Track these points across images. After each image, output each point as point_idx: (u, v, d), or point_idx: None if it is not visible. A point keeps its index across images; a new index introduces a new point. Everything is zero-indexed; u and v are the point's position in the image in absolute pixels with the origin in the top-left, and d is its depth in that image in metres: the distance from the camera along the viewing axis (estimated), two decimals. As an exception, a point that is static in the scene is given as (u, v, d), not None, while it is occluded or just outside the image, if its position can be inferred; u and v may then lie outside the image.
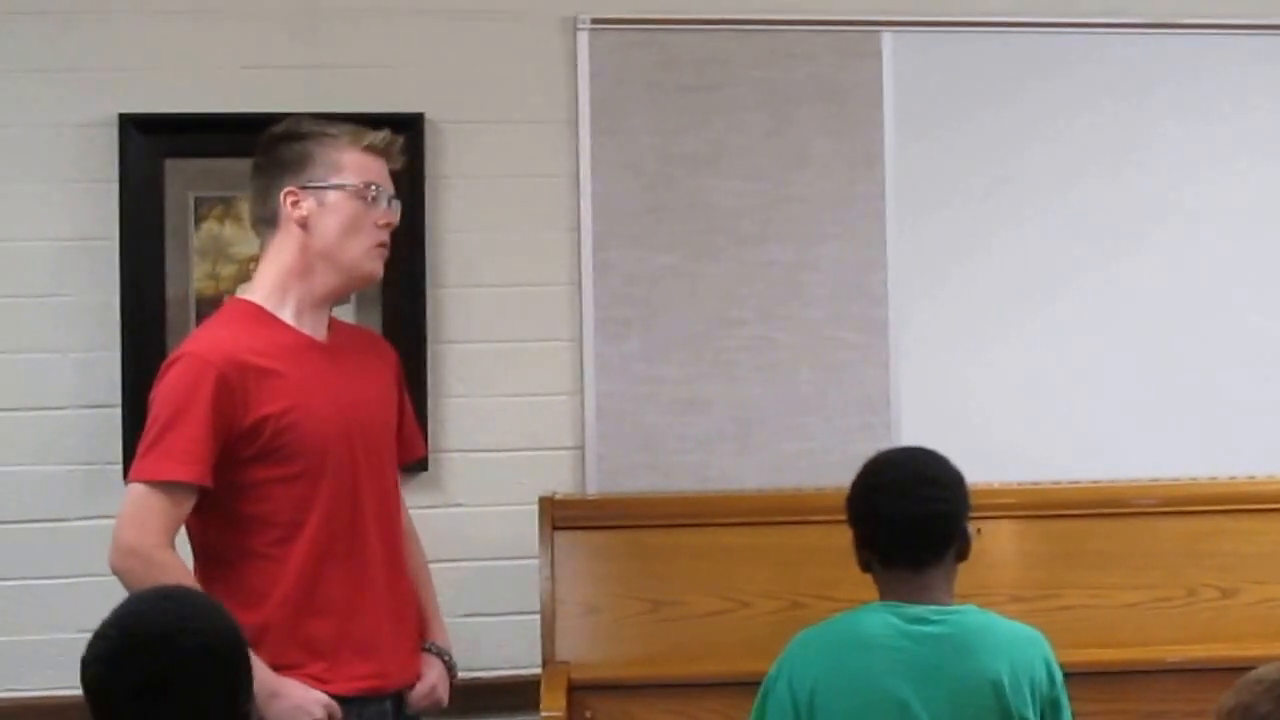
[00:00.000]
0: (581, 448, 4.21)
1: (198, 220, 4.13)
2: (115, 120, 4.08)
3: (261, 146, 3.25)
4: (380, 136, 3.25)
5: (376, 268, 3.25)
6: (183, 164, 4.12)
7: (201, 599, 2.39)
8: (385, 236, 3.24)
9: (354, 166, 3.20)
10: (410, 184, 4.11)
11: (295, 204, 3.17)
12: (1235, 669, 3.63)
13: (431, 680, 3.27)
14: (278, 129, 3.25)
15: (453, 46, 4.23)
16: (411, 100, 4.18)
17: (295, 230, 3.17)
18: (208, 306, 3.98)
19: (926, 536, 2.94)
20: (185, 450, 2.99)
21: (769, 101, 4.30)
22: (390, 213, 3.25)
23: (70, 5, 4.12)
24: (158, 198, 4.11)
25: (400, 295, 4.14)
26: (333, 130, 3.23)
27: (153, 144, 4.10)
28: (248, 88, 4.12)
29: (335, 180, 3.18)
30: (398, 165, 3.33)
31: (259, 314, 3.17)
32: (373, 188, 3.20)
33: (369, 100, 4.08)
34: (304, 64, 4.17)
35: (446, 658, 3.34)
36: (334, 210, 3.17)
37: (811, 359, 4.27)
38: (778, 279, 4.28)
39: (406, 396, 3.46)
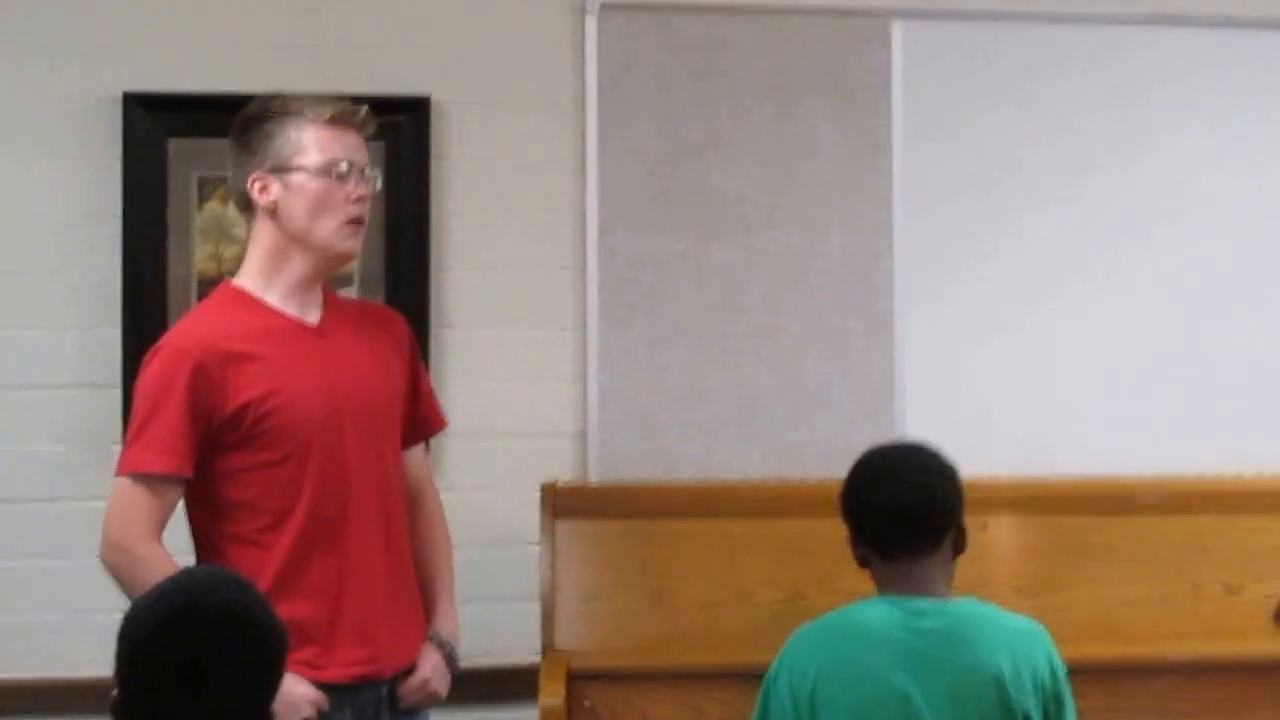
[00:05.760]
0: (584, 434, 4.20)
1: (201, 200, 4.11)
2: (119, 98, 4.07)
3: (231, 130, 3.19)
4: (343, 107, 3.16)
5: (350, 245, 3.16)
6: (186, 143, 4.10)
7: (256, 589, 2.37)
8: (358, 211, 3.15)
9: (317, 143, 3.12)
10: (415, 166, 4.11)
11: (263, 190, 3.12)
12: (1239, 667, 3.64)
13: (424, 673, 3.22)
14: (246, 111, 3.18)
15: (460, 28, 4.21)
16: (417, 81, 4.16)
17: (267, 216, 3.13)
18: (209, 287, 3.93)
19: (921, 524, 2.93)
20: (164, 442, 2.98)
21: (777, 88, 4.28)
22: (363, 185, 3.16)
23: (74, -17, 4.11)
24: (161, 177, 4.10)
25: (403, 278, 4.13)
26: (294, 107, 3.14)
27: (157, 122, 4.09)
28: (253, 67, 4.10)
29: (298, 161, 3.11)
30: (369, 131, 3.23)
31: (244, 299, 3.14)
32: (340, 164, 3.12)
33: (374, 81, 4.07)
34: (309, 44, 4.16)
35: (448, 649, 3.29)
36: (299, 192, 3.10)
37: (816, 348, 4.26)
38: (783, 267, 4.27)
39: (422, 369, 3.41)
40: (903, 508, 2.92)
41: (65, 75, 4.09)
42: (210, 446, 3.03)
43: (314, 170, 3.11)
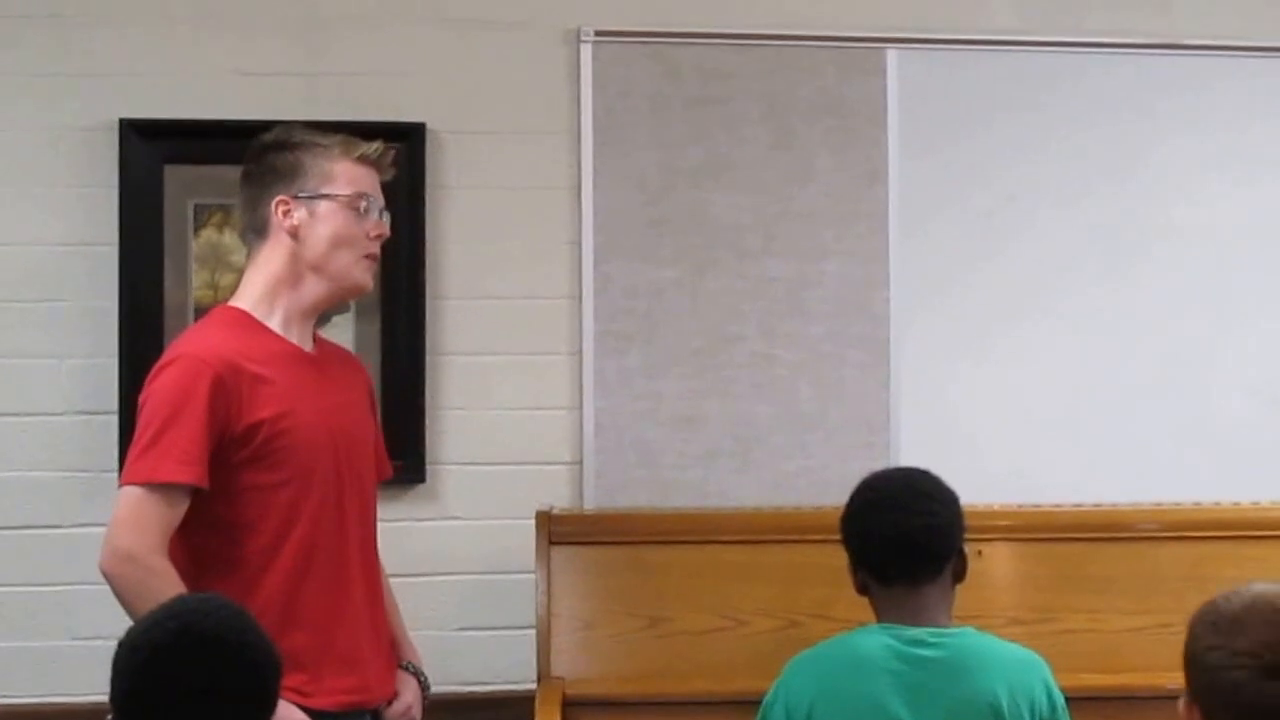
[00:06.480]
0: (580, 462, 4.19)
1: (197, 227, 4.11)
2: (116, 125, 4.07)
3: (252, 155, 3.22)
4: (372, 147, 3.23)
5: (366, 279, 3.22)
6: (183, 170, 4.10)
7: (250, 615, 2.36)
8: (375, 248, 3.22)
9: (346, 177, 3.17)
10: (410, 194, 4.10)
11: (286, 213, 3.14)
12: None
13: (407, 700, 3.25)
14: (268, 137, 3.23)
15: (455, 56, 4.21)
16: (413, 110, 4.16)
17: (285, 239, 3.15)
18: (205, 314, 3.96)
19: (922, 551, 2.92)
20: (184, 451, 2.94)
21: (772, 116, 4.29)
22: (381, 224, 3.23)
23: (72, 10, 4.11)
24: (157, 204, 4.10)
25: (399, 306, 4.13)
26: (324, 140, 3.20)
27: (153, 150, 4.09)
28: (249, 95, 4.11)
29: (327, 190, 3.15)
30: (389, 176, 3.31)
31: (248, 321, 3.14)
32: (364, 199, 3.18)
33: (370, 109, 4.08)
34: (305, 72, 4.16)
35: (422, 677, 3.32)
36: (325, 220, 3.14)
37: (812, 376, 4.26)
38: (779, 295, 4.27)
39: (377, 419, 3.43)
40: (903, 535, 2.91)
41: (62, 102, 4.09)
42: (215, 462, 3.00)
43: (343, 201, 3.16)
